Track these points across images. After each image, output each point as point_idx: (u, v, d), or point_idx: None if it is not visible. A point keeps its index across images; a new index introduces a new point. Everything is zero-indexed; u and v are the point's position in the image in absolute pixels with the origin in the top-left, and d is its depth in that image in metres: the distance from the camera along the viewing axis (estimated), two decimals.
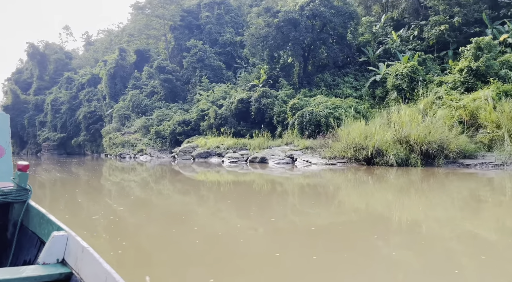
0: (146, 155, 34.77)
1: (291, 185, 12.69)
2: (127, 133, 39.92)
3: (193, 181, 15.65)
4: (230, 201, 9.67)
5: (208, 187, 12.88)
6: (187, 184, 14.84)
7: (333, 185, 12.19)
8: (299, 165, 17.18)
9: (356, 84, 29.85)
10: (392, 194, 10.13)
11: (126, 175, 21.61)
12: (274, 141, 23.84)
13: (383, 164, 14.43)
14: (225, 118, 31.43)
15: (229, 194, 11.04)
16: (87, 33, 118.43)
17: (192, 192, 11.83)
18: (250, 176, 15.75)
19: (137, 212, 8.22)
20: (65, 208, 8.65)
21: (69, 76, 67.10)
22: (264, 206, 8.78)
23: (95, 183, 15.90)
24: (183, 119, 35.08)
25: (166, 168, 25.24)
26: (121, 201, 9.89)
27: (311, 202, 9.24)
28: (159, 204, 9.60)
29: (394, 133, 14.31)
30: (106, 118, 52.78)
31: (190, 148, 27.55)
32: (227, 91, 35.10)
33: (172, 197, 10.77)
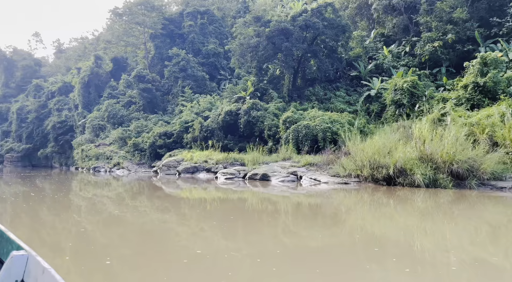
0: (123, 169, 32.24)
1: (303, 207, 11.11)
2: (102, 145, 37.24)
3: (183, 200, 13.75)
4: (218, 221, 8.54)
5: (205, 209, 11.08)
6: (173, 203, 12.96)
7: (348, 207, 10.71)
8: (305, 184, 15.61)
9: (349, 98, 28.93)
10: (419, 219, 8.72)
11: (99, 190, 19.45)
12: (270, 156, 22.24)
13: (407, 185, 13.08)
14: (211, 130, 29.61)
15: (224, 215, 9.37)
16: (58, 40, 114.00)
17: (179, 213, 10.17)
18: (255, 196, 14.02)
19: (108, 231, 7.66)
20: (28, 225, 8.02)
21: (38, 84, 63.35)
22: (266, 230, 7.41)
23: (63, 199, 14.52)
24: (164, 131, 32.95)
25: (145, 183, 23.05)
26: (91, 218, 9.10)
27: (321, 228, 7.72)
28: (134, 222, 8.65)
29: (416, 150, 13.05)
30: (78, 128, 49.61)
31: (175, 162, 25.47)
32: (212, 103, 33.39)
33: (151, 216, 9.57)
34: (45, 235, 7.07)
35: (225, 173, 19.12)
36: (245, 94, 33.38)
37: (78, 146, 44.31)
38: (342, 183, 14.46)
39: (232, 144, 28.71)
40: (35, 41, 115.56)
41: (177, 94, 39.99)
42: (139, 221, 8.71)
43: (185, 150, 30.71)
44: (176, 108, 39.15)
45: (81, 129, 48.83)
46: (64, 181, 28.34)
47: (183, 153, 27.71)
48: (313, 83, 32.51)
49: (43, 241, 6.51)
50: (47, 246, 6.04)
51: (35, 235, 7.03)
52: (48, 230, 7.65)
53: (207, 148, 28.95)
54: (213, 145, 27.69)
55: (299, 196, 13.31)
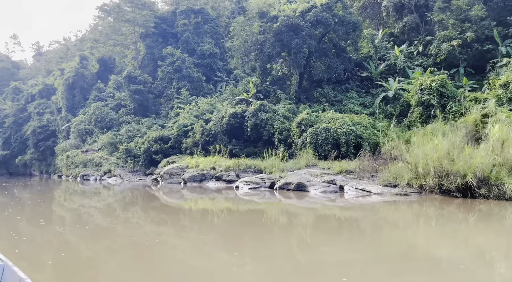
0: (116, 177, 29.33)
1: (379, 229, 8.89)
2: (90, 151, 34.20)
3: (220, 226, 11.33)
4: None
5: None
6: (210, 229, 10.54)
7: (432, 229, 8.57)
8: (350, 195, 13.35)
9: (363, 100, 27.03)
10: None
11: (87, 201, 17.17)
12: (288, 163, 19.92)
13: (495, 197, 10.92)
14: (214, 134, 27.15)
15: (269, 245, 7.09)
16: (37, 43, 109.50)
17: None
18: (305, 212, 11.66)
19: (95, 244, 7.11)
20: (4, 237, 7.51)
21: (16, 86, 59.46)
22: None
23: (45, 210, 13.06)
24: (160, 135, 30.27)
25: (143, 193, 20.43)
26: (76, 231, 8.41)
27: None
28: (125, 235, 7.91)
29: (492, 154, 11.03)
30: (62, 133, 46.17)
31: (178, 170, 22.87)
32: (213, 104, 30.94)
33: (145, 228, 8.55)
34: (24, 248, 6.59)
35: (248, 182, 16.57)
36: (247, 96, 31.11)
37: (62, 152, 40.98)
38: (399, 194, 12.30)
39: (237, 149, 26.30)
40: (13, 44, 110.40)
41: (172, 96, 37.37)
42: (131, 233, 7.90)
43: (184, 156, 28.13)
44: (171, 111, 36.50)
45: (65, 134, 45.44)
46: (47, 191, 25.36)
47: (185, 160, 25.14)
48: (320, 84, 30.53)
49: (22, 255, 6.10)
50: (26, 260, 5.65)
51: (13, 248, 6.49)
52: (28, 243, 7.13)
53: (209, 154, 26.48)
54: (219, 151, 25.23)
55: (361, 212, 10.93)
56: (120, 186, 26.31)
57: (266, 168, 19.22)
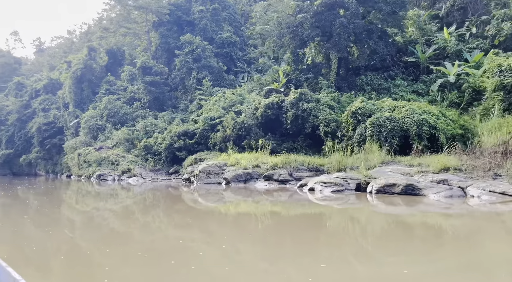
0: (137, 177, 26.31)
1: None
2: (104, 148, 31.18)
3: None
4: None
5: None
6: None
7: None
8: (483, 199, 10.23)
9: (416, 87, 23.98)
10: None
11: (109, 204, 14.12)
12: (348, 158, 16.84)
13: None
14: (248, 128, 24.10)
15: None
16: (39, 39, 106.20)
17: None
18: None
19: (108, 249, 6.30)
20: (10, 242, 6.89)
21: (19, 82, 56.34)
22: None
23: (57, 213, 11.51)
24: (184, 130, 27.22)
25: (177, 196, 17.46)
26: (88, 235, 7.56)
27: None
28: (142, 240, 6.95)
29: None
30: (69, 130, 43.15)
31: (216, 168, 19.84)
32: (242, 95, 27.84)
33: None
34: (31, 254, 6.04)
35: (327, 184, 13.22)
36: (277, 86, 28.11)
37: (71, 150, 37.98)
38: None
39: (274, 145, 23.29)
40: (13, 40, 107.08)
41: (191, 87, 34.30)
42: (150, 238, 7.17)
43: (212, 153, 25.12)
44: (191, 104, 33.47)
45: (73, 130, 42.43)
46: (58, 193, 22.42)
47: (219, 156, 22.14)
48: (357, 72, 27.48)
49: (28, 261, 5.60)
50: (33, 266, 5.25)
51: (19, 253, 6.07)
52: (35, 248, 6.46)
53: (242, 150, 23.46)
54: (255, 146, 22.21)
55: None
56: (141, 187, 23.35)
57: (330, 166, 16.20)
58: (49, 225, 9.05)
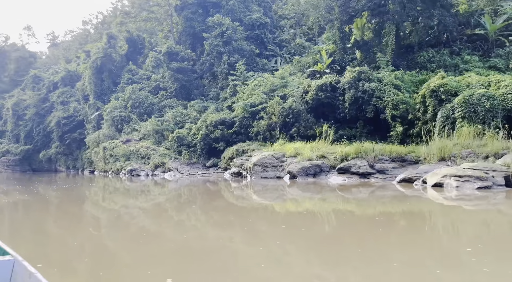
0: (172, 171, 23.72)
1: None
2: (132, 141, 28.67)
3: None
4: None
5: None
6: None
7: None
8: None
9: (494, 62, 20.75)
10: None
11: (155, 206, 11.47)
12: (425, 148, 13.83)
13: None
14: (297, 114, 21.22)
15: None
16: (53, 33, 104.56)
17: None
18: None
19: (137, 248, 5.71)
20: (31, 241, 6.41)
21: (36, 75, 54.25)
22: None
23: (78, 211, 10.39)
24: (221, 118, 24.49)
25: (227, 192, 14.75)
26: (116, 234, 6.88)
27: None
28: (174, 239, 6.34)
29: None
30: (90, 123, 40.85)
31: (274, 160, 17.01)
32: (285, 78, 24.85)
33: None
34: (54, 253, 5.69)
35: (464, 178, 9.96)
36: (322, 67, 25.13)
37: (94, 144, 35.66)
38: None
39: (330, 131, 20.40)
40: (27, 35, 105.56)
41: (221, 73, 31.45)
42: None
43: (255, 143, 22.37)
44: (223, 92, 30.66)
45: (95, 123, 40.10)
46: (85, 190, 19.97)
47: (267, 147, 19.40)
48: (409, 49, 24.28)
49: (50, 260, 5.16)
50: (56, 266, 4.84)
51: (41, 252, 5.66)
52: (58, 248, 6.06)
53: (291, 140, 20.62)
54: (306, 134, 19.33)
55: None
56: (178, 183, 20.79)
57: (428, 155, 13.26)
58: (73, 224, 8.38)
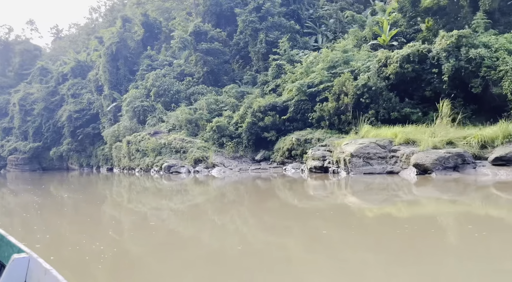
0: (219, 167, 19.64)
1: None
2: (161, 133, 24.58)
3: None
4: None
5: None
6: None
7: None
8: None
9: None
10: None
11: None
12: None
13: None
14: (373, 93, 17.07)
15: None
16: (56, 26, 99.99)
17: None
18: None
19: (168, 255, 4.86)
20: (50, 246, 5.53)
21: (43, 67, 50.15)
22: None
23: (99, 213, 8.76)
24: (271, 103, 20.37)
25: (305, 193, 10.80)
26: (140, 239, 5.80)
27: None
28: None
29: None
30: (106, 116, 36.81)
31: (379, 149, 12.83)
32: (347, 51, 20.55)
33: None
34: (71, 258, 4.93)
35: None
36: (385, 40, 20.97)
37: (113, 138, 31.67)
38: None
39: (412, 114, 16.31)
40: (30, 30, 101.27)
41: (258, 53, 27.25)
42: None
43: (318, 131, 18.30)
44: (260, 75, 26.48)
45: (111, 116, 36.08)
46: (105, 190, 16.12)
47: (359, 133, 15.23)
48: (490, 13, 19.98)
49: (68, 266, 4.47)
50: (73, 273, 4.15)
51: (60, 257, 4.93)
52: (77, 253, 5.24)
53: (369, 124, 16.49)
54: (391, 117, 15.19)
55: None
56: (225, 180, 16.86)
57: None
58: (94, 228, 6.94)
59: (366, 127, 15.15)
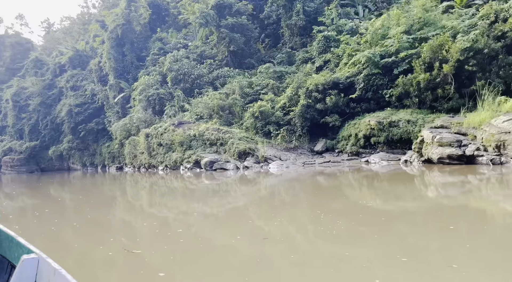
0: (275, 161, 15.34)
1: None
2: (188, 123, 20.18)
3: None
4: None
5: None
6: None
7: None
8: None
9: None
10: None
11: None
12: None
13: None
14: (482, 59, 12.93)
15: None
16: (48, 20, 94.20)
17: None
18: None
19: None
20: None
21: (37, 58, 45.21)
22: None
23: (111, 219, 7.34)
24: (332, 80, 16.16)
25: None
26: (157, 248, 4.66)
27: None
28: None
29: None
30: (113, 108, 32.31)
31: None
32: (428, 11, 16.22)
33: None
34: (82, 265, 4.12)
35: None
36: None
37: (123, 132, 27.23)
38: None
39: None
40: (20, 25, 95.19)
41: (295, 27, 22.94)
42: None
43: (402, 112, 14.16)
44: (300, 52, 22.21)
45: (118, 108, 31.63)
46: (120, 192, 12.00)
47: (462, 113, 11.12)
48: None
49: None
50: None
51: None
52: (87, 260, 4.39)
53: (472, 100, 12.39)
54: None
55: None
56: (283, 176, 12.74)
57: None
58: (106, 234, 5.79)
59: (503, 99, 10.95)
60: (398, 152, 13.33)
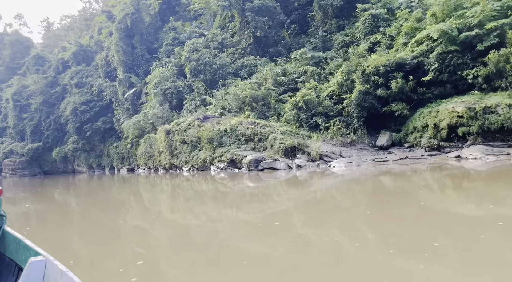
0: (335, 159, 12.47)
1: None
2: (214, 118, 17.29)
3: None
4: None
5: None
6: None
7: None
8: None
9: None
10: None
11: None
12: None
13: None
14: None
15: None
16: (47, 19, 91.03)
17: None
18: None
19: None
20: None
21: (39, 55, 42.30)
22: None
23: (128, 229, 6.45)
24: (396, 61, 13.33)
25: None
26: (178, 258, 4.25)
27: None
28: None
29: None
30: (123, 105, 29.42)
31: None
32: None
33: None
34: None
35: None
36: None
37: (136, 131, 24.37)
38: None
39: None
40: (18, 25, 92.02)
41: (331, 7, 20.08)
42: None
43: (497, 95, 11.34)
44: (338, 35, 19.38)
45: (128, 105, 28.76)
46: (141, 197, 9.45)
47: None
48: None
49: None
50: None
51: None
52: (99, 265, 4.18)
53: None
54: None
55: None
56: (349, 174, 9.96)
57: None
58: (125, 245, 5.24)
59: None
60: (499, 145, 10.52)
